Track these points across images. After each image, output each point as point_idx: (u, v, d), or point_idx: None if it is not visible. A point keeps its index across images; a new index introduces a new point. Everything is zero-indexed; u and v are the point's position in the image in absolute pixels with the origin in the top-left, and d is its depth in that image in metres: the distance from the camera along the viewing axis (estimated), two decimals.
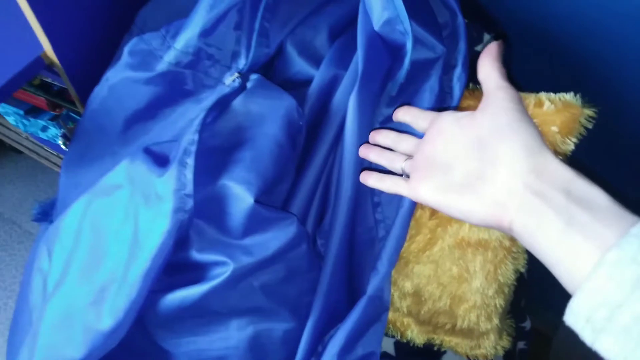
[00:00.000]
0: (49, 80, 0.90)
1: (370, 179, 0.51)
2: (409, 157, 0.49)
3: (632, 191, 0.76)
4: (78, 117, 0.94)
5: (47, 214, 0.68)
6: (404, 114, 0.51)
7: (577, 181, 0.36)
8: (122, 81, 0.59)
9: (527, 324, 0.76)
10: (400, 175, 0.49)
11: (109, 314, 0.48)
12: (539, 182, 0.37)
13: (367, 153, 0.52)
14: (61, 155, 1.05)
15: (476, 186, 0.40)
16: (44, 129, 0.99)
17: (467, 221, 0.41)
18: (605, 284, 0.30)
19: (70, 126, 0.96)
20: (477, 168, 0.41)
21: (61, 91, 0.92)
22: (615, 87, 0.66)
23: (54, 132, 0.99)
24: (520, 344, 0.76)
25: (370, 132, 0.54)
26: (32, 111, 0.98)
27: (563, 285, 0.35)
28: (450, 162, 0.43)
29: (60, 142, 0.99)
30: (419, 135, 0.50)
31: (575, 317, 0.32)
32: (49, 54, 0.65)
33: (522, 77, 0.64)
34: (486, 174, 0.40)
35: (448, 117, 0.46)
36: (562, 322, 0.86)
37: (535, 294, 0.88)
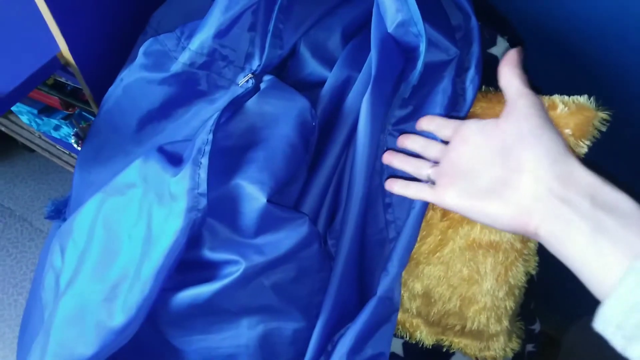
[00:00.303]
0: (62, 80, 0.91)
1: (395, 186, 0.52)
2: (434, 163, 0.49)
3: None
4: (90, 117, 0.95)
5: (60, 211, 0.69)
6: (428, 123, 0.52)
7: (603, 187, 0.36)
8: (136, 81, 0.59)
9: (537, 327, 0.76)
10: (425, 181, 0.50)
11: (121, 311, 0.49)
12: (564, 188, 0.37)
13: (391, 160, 0.53)
14: (73, 154, 1.06)
15: (502, 192, 0.41)
16: (57, 127, 1.00)
17: (493, 226, 0.42)
18: (635, 290, 0.31)
19: (83, 125, 0.97)
20: (502, 174, 0.41)
21: (74, 91, 0.93)
22: (630, 90, 0.65)
23: (66, 131, 1.00)
24: (529, 347, 0.76)
25: (381, 134, 0.54)
26: (46, 110, 0.99)
27: (591, 291, 0.35)
28: (476, 168, 0.43)
29: (72, 140, 1.00)
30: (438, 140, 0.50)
31: (605, 323, 0.32)
32: (64, 54, 0.66)
33: (535, 79, 0.63)
34: (511, 180, 0.40)
35: (472, 125, 0.46)
36: (572, 327, 0.85)
37: (543, 297, 0.87)
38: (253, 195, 0.48)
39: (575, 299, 1.00)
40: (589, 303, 0.94)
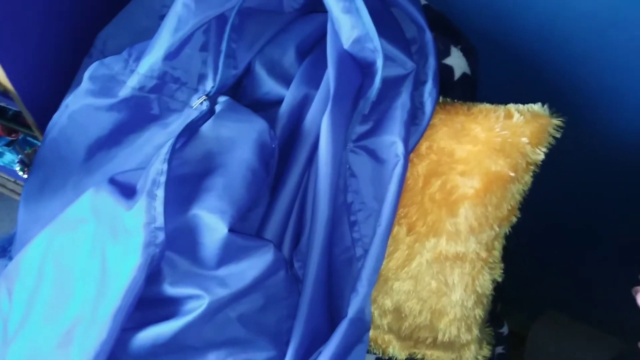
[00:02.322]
0: (3, 104, 0.85)
1: None
2: None
3: (604, 194, 0.78)
4: (35, 142, 0.90)
5: (5, 250, 0.64)
6: None
7: None
8: (83, 108, 0.56)
9: (505, 330, 0.77)
10: None
11: (77, 357, 0.46)
12: None
13: None
14: (19, 182, 1.00)
15: None
16: None
17: None
18: None
19: (28, 151, 0.91)
20: None
21: (16, 115, 0.87)
22: (581, 95, 0.68)
23: (10, 158, 0.94)
24: (499, 349, 0.77)
25: (343, 151, 0.53)
26: None
27: None
28: None
29: (17, 168, 0.94)
30: None
31: None
32: (1, 80, 0.62)
33: (490, 89, 0.64)
34: None
35: None
36: (535, 323, 0.87)
37: (509, 298, 0.89)
38: (213, 225, 0.46)
39: (539, 296, 1.03)
40: (552, 299, 0.97)
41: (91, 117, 0.56)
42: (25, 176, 0.93)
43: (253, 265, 0.47)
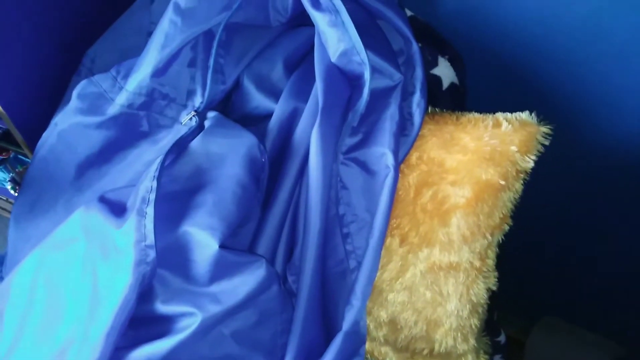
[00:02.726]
0: None
1: None
2: None
3: (595, 199, 0.78)
4: (26, 160, 0.89)
5: None
6: None
7: None
8: (72, 126, 0.56)
9: (502, 338, 0.77)
10: None
11: None
12: None
13: None
14: (10, 200, 0.99)
15: None
16: None
17: None
18: None
19: (19, 169, 0.91)
20: None
21: (6, 133, 0.87)
22: (569, 102, 0.68)
23: (1, 177, 0.94)
24: (497, 357, 0.77)
25: (334, 163, 0.53)
26: None
27: None
28: None
29: (8, 186, 0.94)
30: None
31: None
32: None
33: (479, 98, 0.65)
34: None
35: None
36: (533, 329, 0.86)
37: (506, 304, 0.89)
38: (204, 242, 0.46)
39: (536, 302, 1.02)
40: (550, 304, 0.97)
41: (80, 135, 0.56)
42: (17, 194, 0.92)
43: (245, 281, 0.47)
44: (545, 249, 0.91)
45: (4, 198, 1.00)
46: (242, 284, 0.47)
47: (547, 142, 0.54)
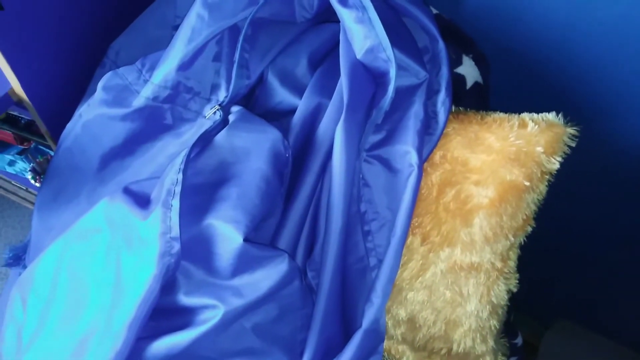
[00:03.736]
0: (15, 113, 0.86)
1: None
2: None
3: (619, 203, 0.77)
4: (47, 150, 0.90)
5: (19, 258, 0.64)
6: None
7: None
8: (96, 118, 0.56)
9: (519, 340, 0.76)
10: None
11: None
12: None
13: None
14: (31, 190, 1.00)
15: None
16: (12, 163, 0.95)
17: None
18: None
19: (40, 160, 0.92)
20: None
21: (29, 124, 0.88)
22: (596, 104, 0.67)
23: (22, 166, 0.95)
24: (513, 359, 0.76)
25: (357, 160, 0.53)
26: None
27: None
28: None
29: (29, 176, 0.95)
30: None
31: None
32: (16, 90, 0.63)
33: (503, 98, 0.64)
34: None
35: None
36: (547, 332, 0.85)
37: (523, 306, 0.89)
38: (228, 235, 0.46)
39: (551, 305, 1.01)
40: (564, 308, 0.96)
41: (105, 126, 0.56)
42: (37, 184, 0.93)
43: (268, 276, 0.47)
44: (563, 252, 0.90)
45: (24, 188, 1.01)
46: (264, 278, 0.47)
47: (573, 144, 0.53)
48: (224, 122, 0.54)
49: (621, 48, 0.61)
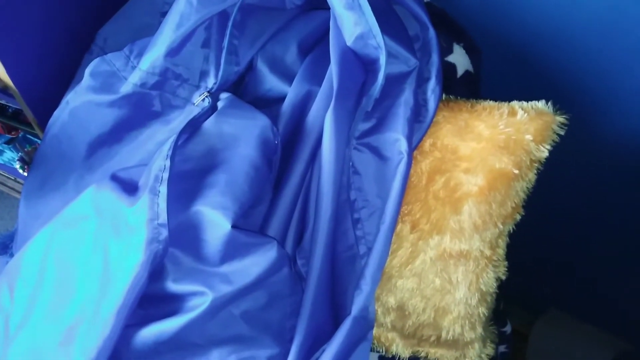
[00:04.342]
0: (2, 102, 0.85)
1: None
2: None
3: (608, 192, 0.78)
4: (35, 140, 0.89)
5: (6, 247, 0.64)
6: None
7: None
8: (84, 105, 0.56)
9: (508, 328, 0.77)
10: None
11: (80, 355, 0.45)
12: None
13: None
14: (19, 180, 0.99)
15: None
16: None
17: None
18: None
19: (28, 149, 0.91)
20: None
21: (16, 113, 0.87)
22: (585, 93, 0.67)
23: (10, 156, 0.94)
24: (502, 347, 0.77)
25: (346, 148, 0.53)
26: None
27: None
28: None
29: (17, 166, 0.94)
30: None
31: None
32: (2, 76, 0.62)
33: (494, 86, 0.64)
34: None
35: None
36: (537, 322, 0.86)
37: (512, 295, 0.89)
38: (216, 221, 0.46)
39: (541, 295, 1.02)
40: (554, 298, 0.97)
41: (92, 113, 0.56)
42: (25, 174, 0.92)
43: (256, 262, 0.47)
44: (552, 241, 0.91)
45: (12, 177, 1.00)
46: (253, 265, 0.47)
47: (562, 132, 0.53)
48: (212, 109, 0.53)
49: (612, 38, 0.62)
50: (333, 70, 0.51)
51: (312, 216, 0.53)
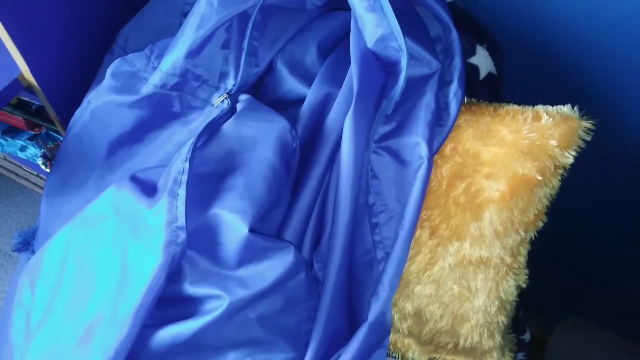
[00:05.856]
0: (26, 99, 0.86)
1: None
2: None
3: (633, 200, 0.76)
4: (58, 136, 0.91)
5: (28, 243, 0.65)
6: None
7: None
8: (105, 105, 0.56)
9: (527, 336, 0.75)
10: None
11: (98, 354, 0.46)
12: None
13: None
14: (41, 175, 1.01)
15: None
16: (23, 148, 0.96)
17: None
18: None
19: (50, 145, 0.92)
20: None
21: (40, 110, 0.88)
22: (613, 98, 0.65)
23: (33, 152, 0.96)
24: (520, 355, 0.76)
25: (365, 151, 0.52)
26: (10, 131, 0.94)
27: None
28: None
29: (39, 161, 0.96)
30: None
31: None
32: (26, 75, 0.63)
33: (519, 89, 0.63)
34: None
35: None
36: (557, 328, 0.84)
37: (531, 301, 0.88)
38: (234, 225, 0.46)
39: (561, 301, 1.00)
40: (574, 304, 0.95)
41: (113, 113, 0.56)
42: (48, 170, 0.94)
43: (273, 267, 0.47)
44: (574, 246, 0.89)
45: (35, 173, 1.02)
46: (270, 269, 0.47)
47: (588, 138, 0.52)
48: (232, 111, 0.53)
49: None
50: (353, 72, 0.50)
51: (330, 220, 0.52)
